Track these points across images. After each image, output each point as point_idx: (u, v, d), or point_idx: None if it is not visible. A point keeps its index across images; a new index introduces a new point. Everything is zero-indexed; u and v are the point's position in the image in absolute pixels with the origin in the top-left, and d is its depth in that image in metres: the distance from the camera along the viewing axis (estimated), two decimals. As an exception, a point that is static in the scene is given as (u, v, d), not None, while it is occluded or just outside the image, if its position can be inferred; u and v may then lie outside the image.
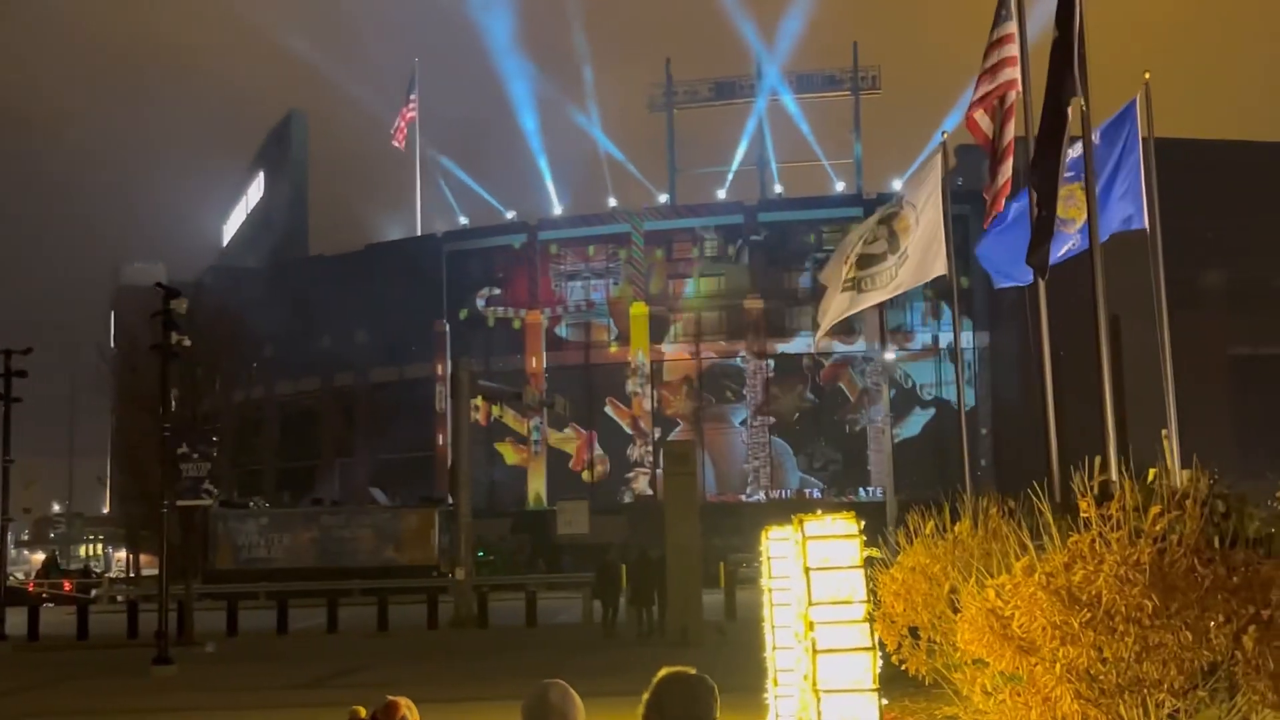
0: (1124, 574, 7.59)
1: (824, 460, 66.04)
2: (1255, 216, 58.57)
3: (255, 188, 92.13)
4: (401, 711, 5.80)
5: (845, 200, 68.71)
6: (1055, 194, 13.20)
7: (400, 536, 49.93)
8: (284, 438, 72.80)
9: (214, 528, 48.35)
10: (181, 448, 26.67)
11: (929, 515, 12.87)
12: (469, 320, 70.26)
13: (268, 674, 24.50)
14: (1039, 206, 13.32)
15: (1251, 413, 56.29)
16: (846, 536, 8.09)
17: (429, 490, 62.65)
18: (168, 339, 25.39)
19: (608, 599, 30.55)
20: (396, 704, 5.82)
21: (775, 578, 12.66)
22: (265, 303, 62.00)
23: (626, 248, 68.49)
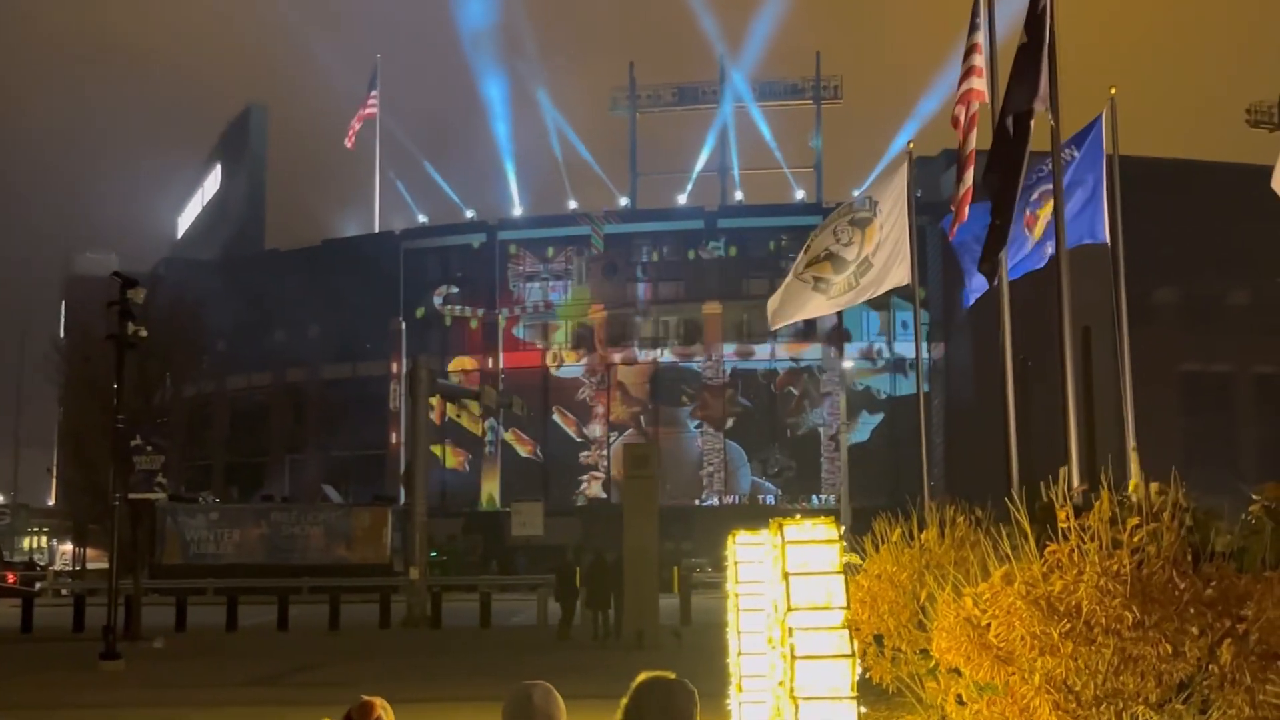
0: (1104, 585, 7.57)
1: (778, 466, 66.19)
2: (1209, 236, 59.32)
3: (212, 180, 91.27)
4: (377, 712, 5.67)
5: (805, 209, 68.96)
6: (1012, 204, 13.20)
7: (352, 535, 49.57)
8: (234, 433, 72.07)
9: (162, 522, 47.75)
10: (135, 440, 26.30)
11: (895, 522, 12.88)
12: (425, 319, 69.91)
13: (218, 671, 24.18)
14: (993, 215, 13.34)
15: (1201, 429, 57.00)
16: (826, 542, 8.04)
17: (379, 489, 62.30)
18: (124, 329, 25.02)
19: (566, 601, 30.38)
20: (372, 704, 5.70)
21: (742, 582, 12.61)
22: (219, 296, 61.32)
23: (586, 250, 68.41)
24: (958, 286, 56.16)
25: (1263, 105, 69.09)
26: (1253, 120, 69.31)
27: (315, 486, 63.05)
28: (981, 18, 16.41)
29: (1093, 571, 7.68)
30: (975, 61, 16.56)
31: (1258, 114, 69.16)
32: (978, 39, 16.50)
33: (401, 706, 5.83)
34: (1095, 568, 7.68)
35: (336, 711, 5.77)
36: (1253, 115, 69.29)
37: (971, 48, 16.55)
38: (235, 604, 34.38)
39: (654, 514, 27.15)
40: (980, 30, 16.46)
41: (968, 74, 16.67)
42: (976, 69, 16.58)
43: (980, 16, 16.43)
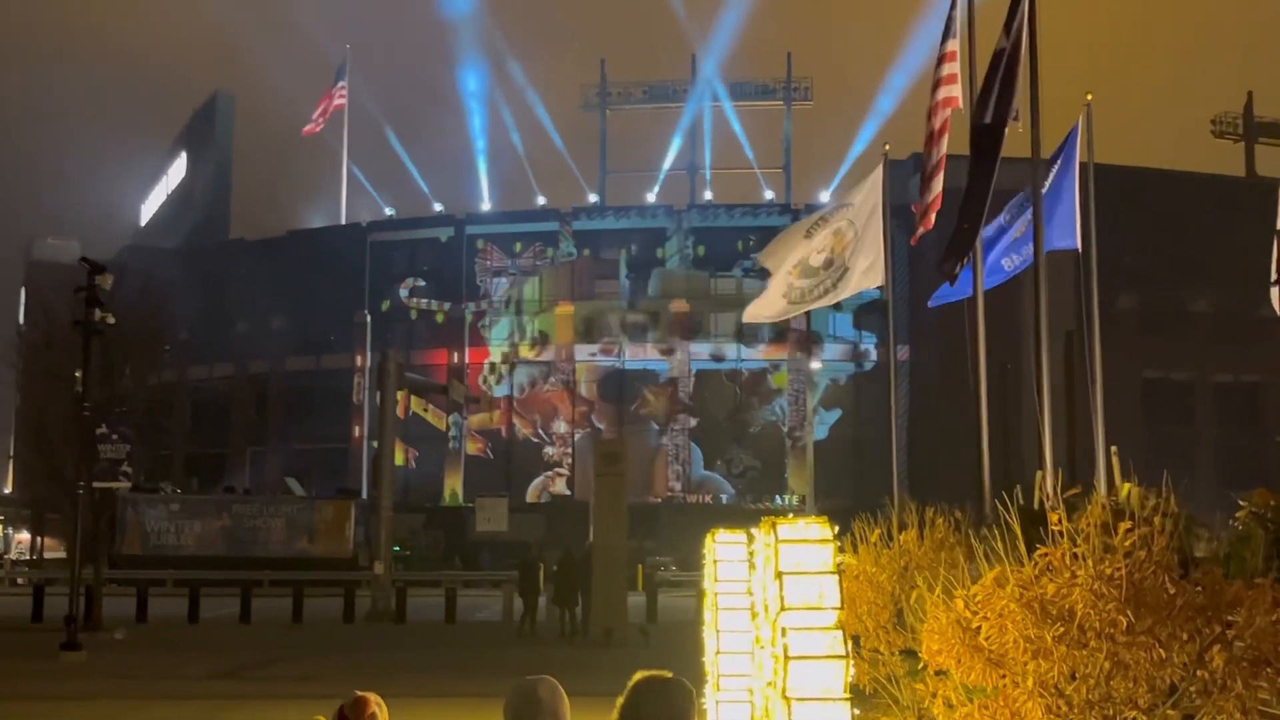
0: (1098, 589, 7.58)
1: (742, 466, 66.29)
2: (1172, 244, 59.89)
3: (177, 168, 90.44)
4: (371, 708, 5.61)
5: (774, 209, 69.12)
6: (982, 209, 13.20)
7: (314, 528, 49.26)
8: (195, 423, 71.39)
9: (123, 512, 47.32)
10: (100, 428, 26.00)
11: (873, 523, 12.89)
12: (391, 312, 69.57)
13: (181, 663, 23.94)
14: (961, 219, 13.34)
15: (1160, 435, 57.51)
16: (820, 541, 8.02)
17: (341, 482, 61.92)
18: (91, 316, 24.73)
19: (529, 598, 30.22)
20: (366, 699, 5.64)
21: (722, 581, 12.59)
22: (182, 285, 60.83)
23: (554, 246, 68.29)
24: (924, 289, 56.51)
25: (1228, 116, 69.86)
26: (1218, 131, 70.07)
27: (277, 479, 62.62)
28: (957, 25, 16.45)
29: (1086, 575, 7.68)
30: (949, 69, 16.60)
31: (1223, 125, 69.92)
32: (952, 46, 16.54)
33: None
34: (1089, 572, 7.69)
35: (329, 707, 5.70)
36: (1218, 126, 70.05)
37: (945, 55, 16.59)
38: (198, 596, 34.06)
39: (624, 511, 27.11)
40: (955, 37, 16.49)
41: (941, 81, 16.70)
42: (950, 76, 16.63)
43: (956, 24, 16.47)
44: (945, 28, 16.57)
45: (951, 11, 16.49)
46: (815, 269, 19.51)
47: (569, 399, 67.41)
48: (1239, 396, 63.96)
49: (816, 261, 19.50)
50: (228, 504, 51.03)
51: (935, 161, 17.28)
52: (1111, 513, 7.93)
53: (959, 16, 16.42)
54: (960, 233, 12.87)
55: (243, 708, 18.09)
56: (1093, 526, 7.74)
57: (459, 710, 16.98)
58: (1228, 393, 64.19)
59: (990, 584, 8.06)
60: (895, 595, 12.16)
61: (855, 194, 19.75)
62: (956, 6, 16.41)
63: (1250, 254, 56.35)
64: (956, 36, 16.49)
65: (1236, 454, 60.00)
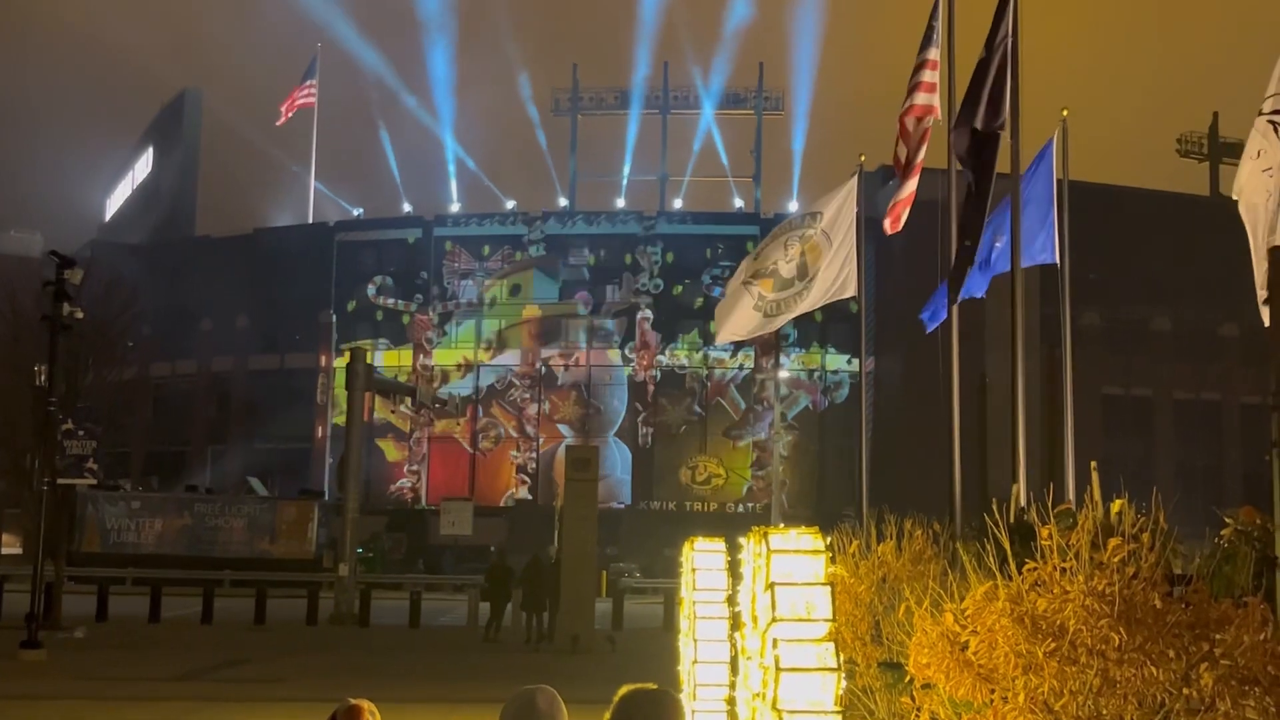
0: (1089, 605, 7.61)
1: (706, 474, 66.34)
2: (1134, 261, 60.43)
3: (143, 163, 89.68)
4: (364, 717, 5.56)
5: (743, 218, 69.31)
6: (980, 227, 13.30)
7: (276, 528, 48.87)
8: (156, 421, 70.68)
9: (82, 509, 46.82)
10: (66, 424, 25.71)
11: (853, 533, 12.91)
12: (356, 312, 69.23)
13: (143, 663, 23.74)
14: (962, 236, 13.43)
15: (1119, 452, 57.99)
16: (811, 552, 8.02)
17: (303, 482, 61.54)
18: (59, 310, 24.46)
19: (495, 602, 30.05)
20: (359, 708, 5.59)
21: (700, 590, 12.57)
22: (146, 281, 60.28)
23: (522, 249, 68.17)
24: (890, 302, 56.71)
25: (1193, 135, 70.58)
26: (1183, 150, 70.77)
27: (238, 478, 62.11)
28: (937, 34, 16.53)
29: (1078, 591, 7.71)
30: (927, 77, 16.66)
31: (1188, 144, 70.63)
32: (932, 54, 16.60)
33: (332, 706, 5.70)
34: (1081, 588, 7.72)
35: (296, 711, 5.63)
36: (1183, 145, 70.76)
37: (923, 63, 16.65)
38: (159, 595, 33.73)
39: (594, 517, 27.06)
40: (934, 46, 16.56)
41: (919, 88, 16.76)
42: (928, 84, 16.70)
43: (936, 33, 16.54)
44: (925, 36, 16.64)
45: (932, 20, 16.57)
46: (788, 280, 19.52)
47: (534, 403, 67.28)
48: (1198, 414, 64.59)
49: (788, 272, 19.51)
50: (189, 503, 50.57)
51: (915, 163, 17.33)
52: (1100, 528, 7.98)
53: (940, 26, 16.51)
54: (964, 250, 12.95)
55: (209, 709, 17.94)
56: (1084, 542, 7.78)
57: (431, 716, 16.90)
58: (1187, 410, 64.81)
59: (980, 598, 8.09)
60: (873, 606, 12.19)
61: (825, 203, 19.77)
62: (937, 15, 16.50)
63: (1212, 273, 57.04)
64: (937, 45, 16.58)
65: (1196, 471, 60.60)
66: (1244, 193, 9.63)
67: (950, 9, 16.14)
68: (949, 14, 16.22)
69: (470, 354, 67.80)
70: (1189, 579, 8.14)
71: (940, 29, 16.52)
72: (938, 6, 16.32)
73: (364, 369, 36.74)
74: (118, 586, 38.53)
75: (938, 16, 16.45)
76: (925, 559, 12.12)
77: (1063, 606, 7.53)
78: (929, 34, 16.61)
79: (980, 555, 8.78)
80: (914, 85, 16.78)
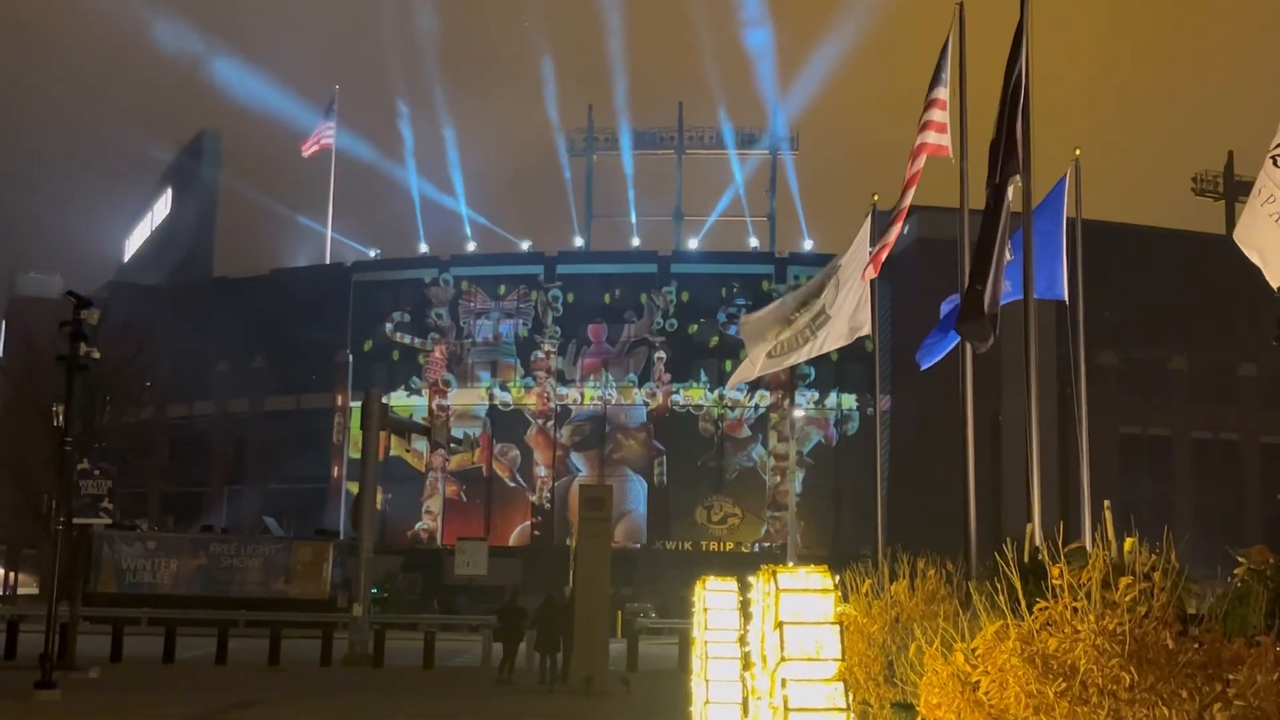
0: (1100, 645, 7.55)
1: (722, 513, 66.14)
2: (1151, 300, 60.32)
3: (162, 204, 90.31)
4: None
5: (757, 257, 69.44)
6: (989, 270, 13.26)
7: (292, 569, 48.86)
8: (172, 461, 70.97)
9: (98, 549, 46.90)
10: (82, 463, 25.77)
11: (865, 573, 12.86)
12: (373, 352, 69.43)
13: (156, 705, 23.67)
14: (973, 280, 13.41)
15: (1137, 492, 57.64)
16: (821, 591, 7.99)
17: (318, 522, 61.57)
18: (75, 350, 24.57)
19: (508, 642, 29.91)
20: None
21: (711, 629, 12.51)
22: (164, 321, 60.59)
23: (538, 289, 68.37)
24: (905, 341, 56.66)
25: (1209, 174, 70.55)
26: (1198, 189, 70.71)
27: (253, 518, 62.16)
28: (946, 74, 16.59)
29: (1089, 631, 7.66)
30: (937, 116, 16.71)
31: (1203, 182, 70.58)
32: (941, 93, 16.65)
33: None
34: (1092, 627, 7.67)
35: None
36: (1199, 184, 70.71)
37: (933, 101, 16.71)
38: (173, 635, 33.69)
39: (607, 556, 26.96)
40: (944, 85, 16.61)
41: (929, 127, 16.80)
42: (938, 123, 16.74)
43: (945, 72, 16.60)
44: (934, 75, 16.70)
45: (940, 60, 16.65)
46: (796, 320, 19.50)
47: (548, 442, 67.26)
48: (1217, 454, 64.23)
49: (800, 316, 19.50)
50: (205, 543, 50.61)
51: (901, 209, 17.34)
52: (1111, 567, 7.94)
53: (949, 65, 16.58)
54: (973, 294, 12.93)
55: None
56: (1094, 581, 7.74)
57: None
58: (1206, 450, 64.45)
59: (991, 637, 8.04)
60: (886, 646, 12.12)
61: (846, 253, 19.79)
62: (947, 55, 16.57)
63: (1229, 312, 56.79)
64: (946, 85, 16.63)
65: (1214, 512, 60.19)
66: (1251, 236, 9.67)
67: (961, 49, 16.22)
68: (960, 54, 16.30)
69: (485, 393, 67.87)
70: (1202, 618, 8.08)
71: (950, 68, 16.59)
72: (948, 46, 16.39)
73: (379, 409, 36.77)
74: (132, 627, 38.55)
75: (947, 56, 16.52)
76: (938, 598, 12.06)
77: (1074, 646, 7.49)
78: (937, 73, 16.68)
79: (992, 595, 8.74)
80: (924, 124, 16.82)
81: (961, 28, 16.23)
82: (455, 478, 67.75)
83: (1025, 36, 13.41)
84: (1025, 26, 13.44)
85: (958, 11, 16.22)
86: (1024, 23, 13.45)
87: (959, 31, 16.24)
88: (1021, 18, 13.47)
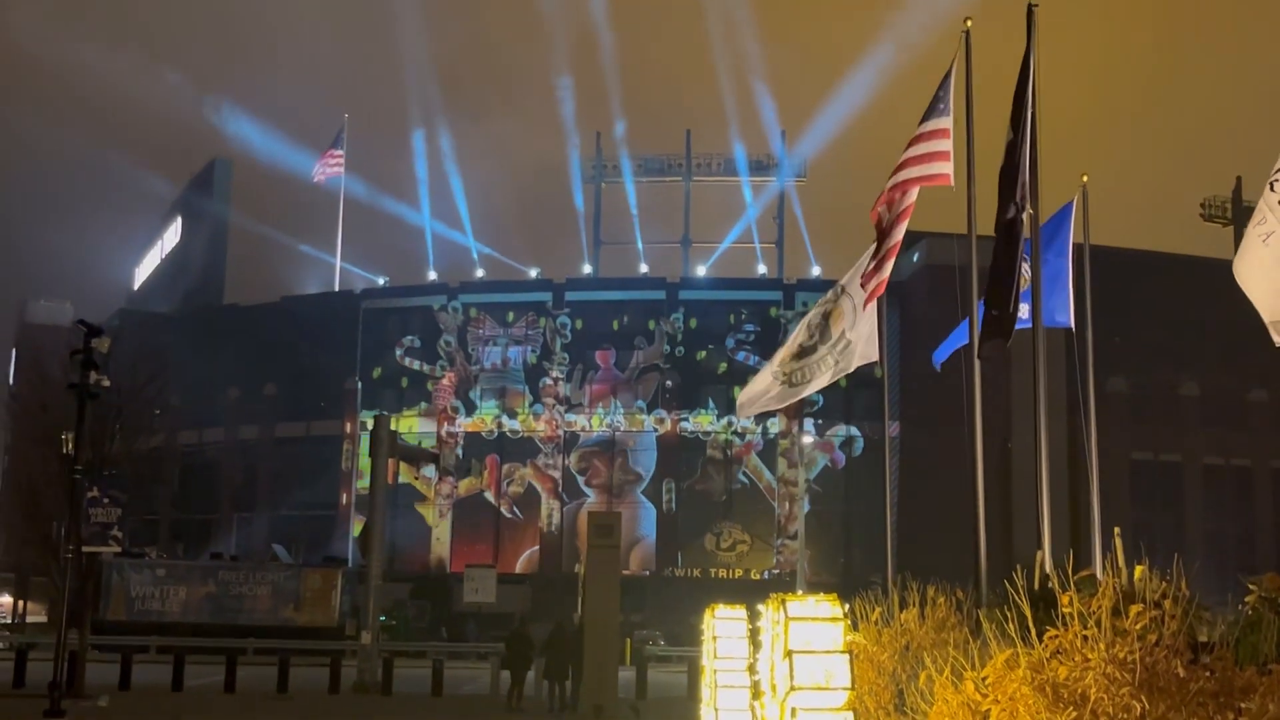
0: (1110, 673, 7.53)
1: (731, 540, 65.99)
2: (1160, 326, 60.21)
3: (172, 232, 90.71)
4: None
5: (766, 284, 69.48)
6: (1006, 296, 13.27)
7: (301, 596, 48.82)
8: (182, 488, 71.02)
9: (108, 577, 46.88)
10: (92, 491, 25.81)
11: (875, 601, 12.83)
12: (382, 379, 69.52)
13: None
14: (989, 305, 13.43)
15: (1148, 518, 57.43)
16: (830, 620, 7.98)
17: (328, 549, 61.52)
18: (86, 378, 24.65)
19: (516, 670, 29.80)
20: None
21: (720, 657, 12.46)
22: (174, 349, 60.68)
23: (547, 316, 68.46)
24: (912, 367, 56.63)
25: (1217, 200, 70.53)
26: (1207, 215, 70.69)
27: (263, 545, 62.14)
28: (948, 104, 16.60)
29: (1099, 659, 7.64)
30: (941, 145, 16.72)
31: (1212, 208, 70.56)
32: (944, 123, 16.66)
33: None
34: (1102, 655, 7.64)
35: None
36: (1207, 210, 70.68)
37: (932, 132, 16.71)
38: (182, 663, 33.62)
39: (616, 584, 26.90)
40: (944, 115, 16.62)
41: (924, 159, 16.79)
42: (942, 153, 16.75)
43: (944, 102, 16.61)
44: (931, 105, 16.69)
45: (939, 90, 16.65)
46: (810, 346, 19.51)
47: (557, 469, 67.22)
48: (1229, 480, 64.00)
49: (809, 340, 19.51)
50: (214, 570, 50.59)
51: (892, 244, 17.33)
52: (1122, 595, 7.92)
53: (951, 95, 16.59)
54: (991, 319, 12.98)
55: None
56: (1105, 609, 7.71)
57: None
58: (1217, 476, 64.23)
59: (1001, 666, 8.02)
60: (896, 675, 12.08)
61: (848, 276, 19.83)
62: (946, 87, 16.58)
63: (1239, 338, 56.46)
64: (949, 114, 16.63)
65: (1226, 538, 59.96)
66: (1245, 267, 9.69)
67: (968, 72, 16.25)
68: (966, 77, 16.32)
69: (493, 420, 67.88)
70: (1213, 646, 8.04)
71: (952, 98, 16.59)
72: (951, 72, 16.41)
73: (388, 436, 36.79)
74: (141, 655, 38.50)
75: (947, 87, 16.52)
76: (948, 626, 12.03)
77: (1084, 674, 7.46)
78: (934, 104, 16.64)
79: (1003, 623, 8.72)
80: (922, 156, 16.77)
81: (968, 51, 16.27)
82: (463, 504, 67.70)
83: (1032, 62, 13.45)
84: (1032, 52, 13.49)
85: (964, 38, 16.27)
86: (1031, 48, 13.49)
87: (965, 54, 16.27)
88: (1028, 44, 13.51)
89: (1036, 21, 13.48)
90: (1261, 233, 10.49)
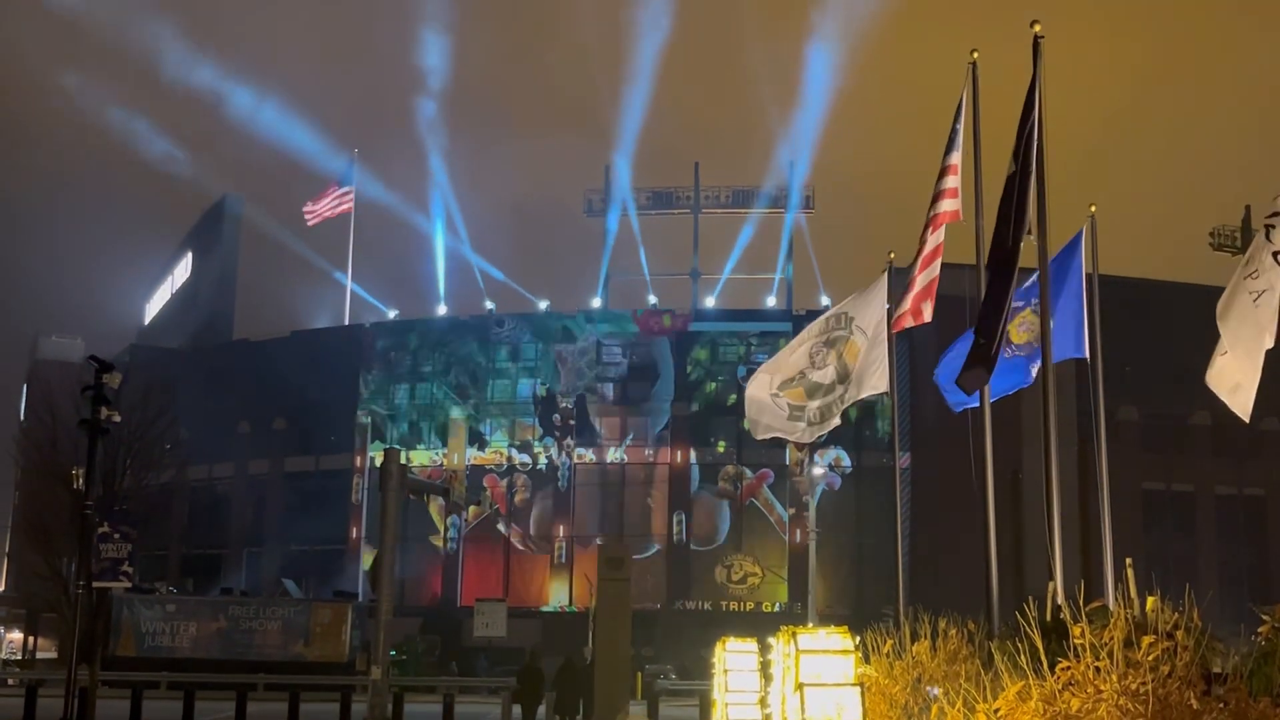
0: (1123, 705, 7.49)
1: (742, 573, 65.78)
2: (1171, 355, 60.01)
3: (183, 268, 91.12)
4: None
5: (776, 315, 69.47)
6: (996, 326, 13.26)
7: (311, 631, 48.68)
8: (192, 523, 71.15)
9: (118, 613, 46.83)
10: (102, 527, 25.82)
11: (886, 633, 12.77)
12: (391, 413, 69.59)
13: (175, 769, 23.53)
14: (978, 334, 13.42)
15: (1161, 548, 57.14)
16: (841, 652, 7.97)
17: (338, 583, 61.40)
18: (97, 414, 24.71)
19: (527, 704, 29.74)
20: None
21: (732, 691, 12.41)
22: (184, 384, 60.91)
23: (557, 348, 68.51)
24: (921, 398, 56.53)
25: (1226, 228, 70.52)
26: (1216, 243, 70.67)
27: (273, 580, 62.08)
28: (960, 138, 16.68)
29: (1112, 691, 7.60)
30: (950, 182, 16.81)
31: (1221, 237, 70.55)
32: (955, 159, 16.75)
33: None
34: (1115, 687, 7.60)
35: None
36: (1216, 238, 70.68)
37: (948, 168, 16.80)
38: (193, 699, 33.53)
39: (627, 617, 26.83)
40: (957, 150, 16.71)
41: (943, 194, 16.89)
42: (951, 190, 16.84)
43: (959, 137, 16.70)
44: (949, 140, 16.80)
45: (955, 124, 16.74)
46: (828, 385, 19.52)
47: (566, 501, 67.12)
48: (1242, 510, 63.72)
49: (826, 378, 19.53)
50: (224, 606, 50.50)
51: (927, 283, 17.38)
52: (1134, 626, 7.87)
53: (963, 129, 16.67)
54: (978, 348, 12.96)
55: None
56: (1117, 640, 7.67)
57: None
58: (1229, 505, 63.94)
59: (1013, 698, 7.98)
60: (908, 707, 12.02)
61: (854, 304, 19.84)
62: (960, 120, 16.66)
63: (1251, 366, 55.94)
64: (959, 149, 16.73)
65: (1240, 568, 59.65)
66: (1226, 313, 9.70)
67: (975, 103, 16.32)
68: (974, 108, 16.39)
69: (504, 453, 67.88)
70: (1226, 677, 7.99)
71: (963, 132, 16.67)
72: (961, 110, 16.48)
73: (398, 469, 36.57)
74: (152, 690, 38.40)
75: (960, 119, 16.61)
76: (960, 658, 11.98)
77: (1096, 706, 7.43)
78: (952, 138, 16.76)
79: (1014, 654, 8.67)
80: (938, 192, 16.90)
81: (975, 82, 16.34)
82: (474, 537, 67.60)
83: (1038, 93, 13.49)
84: (1038, 82, 13.53)
85: (970, 70, 16.35)
86: (1036, 79, 13.53)
87: (973, 86, 16.35)
88: (1034, 74, 13.56)
89: (1043, 52, 13.53)
90: (1252, 289, 10.48)
